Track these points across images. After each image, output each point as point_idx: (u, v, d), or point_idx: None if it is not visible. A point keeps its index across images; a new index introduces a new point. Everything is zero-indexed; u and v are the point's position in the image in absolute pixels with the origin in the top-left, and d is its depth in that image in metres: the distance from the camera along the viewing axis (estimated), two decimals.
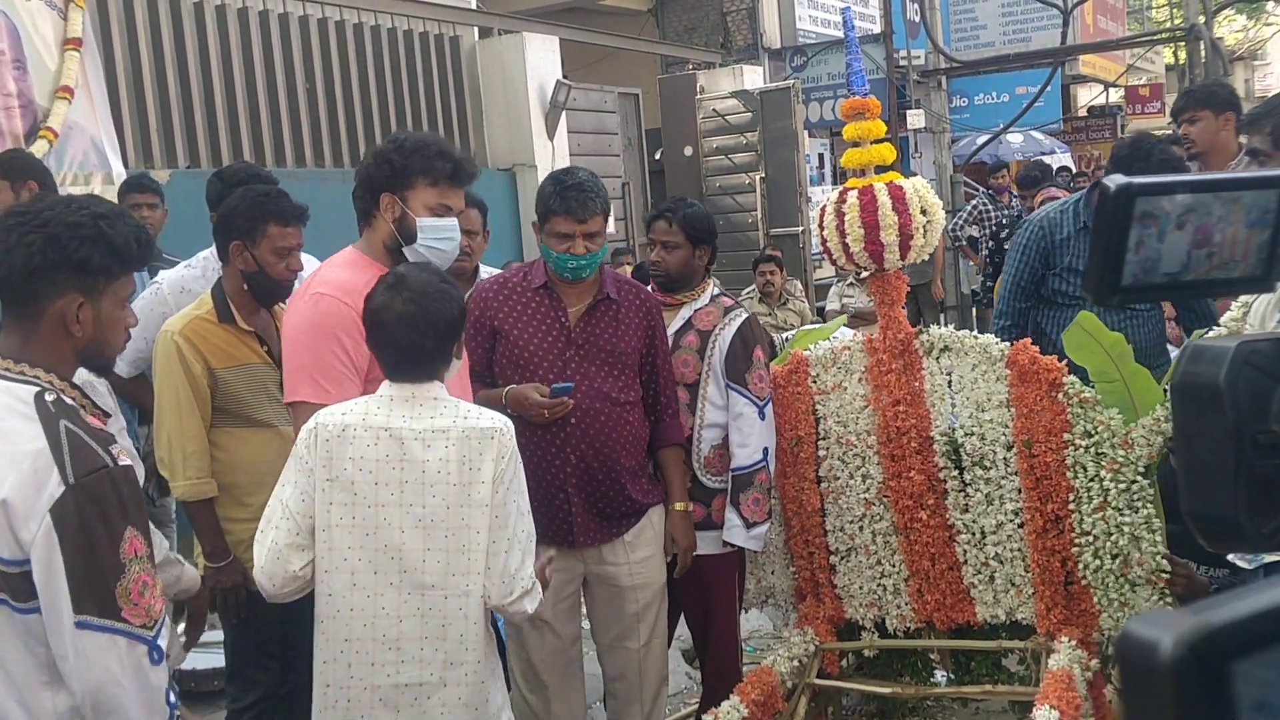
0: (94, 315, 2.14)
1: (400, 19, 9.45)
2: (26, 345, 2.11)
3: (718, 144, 12.92)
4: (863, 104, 3.56)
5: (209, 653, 4.51)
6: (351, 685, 2.55)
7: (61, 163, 6.61)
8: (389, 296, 2.58)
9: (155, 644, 2.06)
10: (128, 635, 2.02)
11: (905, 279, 3.64)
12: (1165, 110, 23.62)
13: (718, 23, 15.05)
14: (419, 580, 2.56)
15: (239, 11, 8.06)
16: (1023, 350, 3.40)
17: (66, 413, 2.05)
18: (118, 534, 2.01)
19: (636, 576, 3.48)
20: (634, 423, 3.45)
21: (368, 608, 2.54)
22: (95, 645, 1.99)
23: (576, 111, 10.82)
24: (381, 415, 2.57)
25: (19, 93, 6.46)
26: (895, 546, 3.61)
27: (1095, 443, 3.28)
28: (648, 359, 3.51)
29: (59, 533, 1.96)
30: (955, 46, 19.19)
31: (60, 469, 1.97)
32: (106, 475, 2.01)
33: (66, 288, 2.10)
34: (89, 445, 2.02)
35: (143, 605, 2.04)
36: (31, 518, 1.96)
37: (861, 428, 3.62)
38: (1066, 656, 3.22)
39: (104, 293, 2.15)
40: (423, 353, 2.58)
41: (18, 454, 1.98)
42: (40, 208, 2.13)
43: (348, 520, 2.54)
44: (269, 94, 8.26)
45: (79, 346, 2.15)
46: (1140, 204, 1.06)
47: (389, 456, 2.55)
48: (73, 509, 1.97)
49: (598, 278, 3.46)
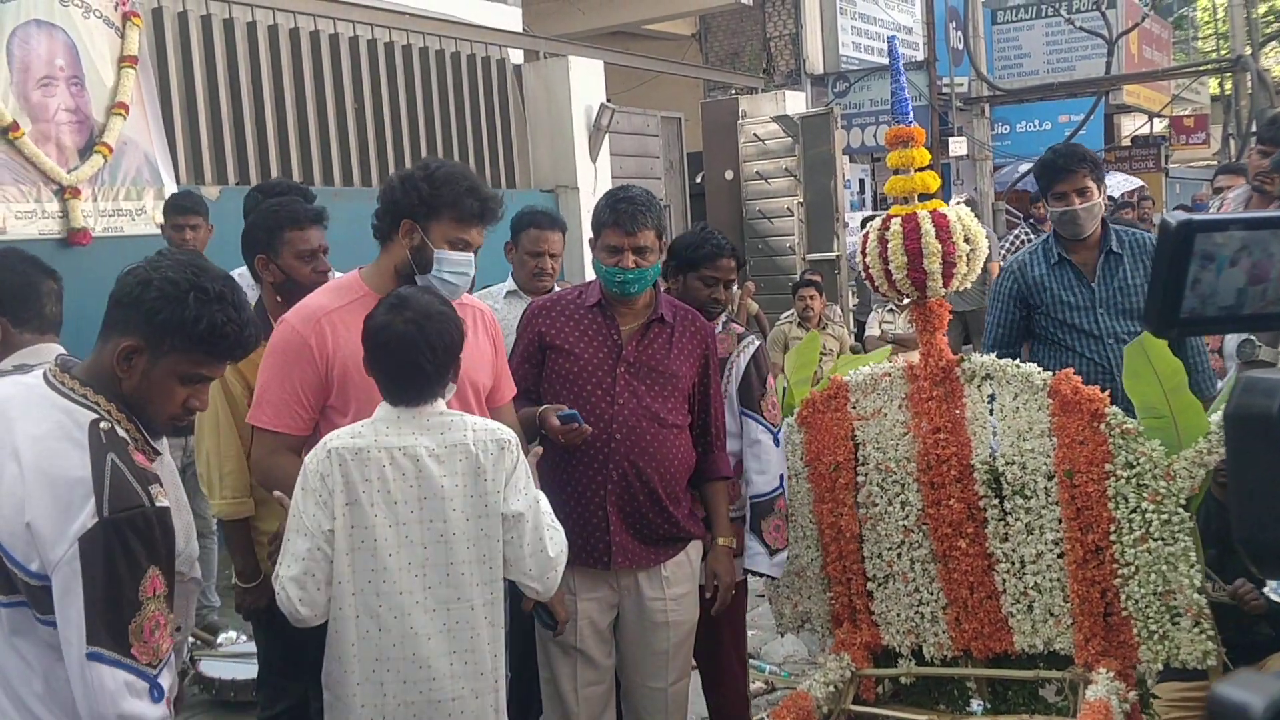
0: (145, 369, 2.17)
1: (448, 41, 9.56)
2: (95, 372, 2.18)
3: (758, 168, 12.96)
4: (907, 132, 3.57)
5: (247, 663, 4.56)
6: (386, 704, 2.57)
7: (115, 177, 6.75)
8: (389, 317, 2.62)
9: (157, 682, 2.10)
10: (135, 672, 2.06)
11: (948, 306, 3.65)
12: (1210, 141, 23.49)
13: (761, 48, 15.13)
14: (444, 595, 2.60)
15: (290, 32, 8.19)
16: (1065, 380, 3.40)
17: (116, 446, 2.10)
18: (140, 572, 2.07)
19: (672, 613, 3.43)
20: (680, 446, 3.42)
21: (396, 628, 2.57)
22: (102, 678, 2.03)
23: (620, 134, 10.89)
24: (393, 435, 2.60)
25: (76, 108, 6.60)
26: (934, 574, 3.61)
27: (1137, 474, 3.27)
28: (700, 386, 3.50)
29: (83, 562, 2.01)
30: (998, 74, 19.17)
31: (98, 500, 2.03)
32: (141, 514, 2.07)
33: (131, 330, 2.15)
34: (129, 483, 2.07)
35: (151, 644, 2.09)
36: (60, 542, 2.01)
37: (901, 454, 3.62)
38: (1104, 688, 3.20)
39: (166, 355, 2.18)
40: (421, 374, 2.61)
41: (59, 479, 2.04)
42: (171, 255, 2.24)
43: (370, 542, 2.56)
44: (318, 113, 8.38)
45: (122, 391, 2.18)
46: (1199, 241, 1.10)
47: (405, 475, 2.58)
48: (101, 542, 2.02)
49: (651, 299, 3.46)
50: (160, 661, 2.11)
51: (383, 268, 3.06)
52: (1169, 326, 1.15)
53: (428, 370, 2.61)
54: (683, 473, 3.45)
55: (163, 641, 2.12)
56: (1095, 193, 4.24)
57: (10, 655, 2.12)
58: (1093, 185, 4.23)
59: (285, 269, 3.47)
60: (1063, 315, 4.25)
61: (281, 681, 3.53)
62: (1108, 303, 4.26)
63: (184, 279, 2.16)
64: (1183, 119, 23.46)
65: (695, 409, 3.50)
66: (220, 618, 5.86)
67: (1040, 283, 4.30)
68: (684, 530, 3.44)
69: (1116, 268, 4.29)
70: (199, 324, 2.16)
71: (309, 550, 2.55)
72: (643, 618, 3.43)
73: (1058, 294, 4.27)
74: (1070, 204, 4.20)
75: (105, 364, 2.18)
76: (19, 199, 6.19)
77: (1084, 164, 4.21)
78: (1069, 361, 4.04)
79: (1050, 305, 4.28)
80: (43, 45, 6.45)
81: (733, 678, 3.79)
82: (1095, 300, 4.25)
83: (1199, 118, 23.81)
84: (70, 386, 2.16)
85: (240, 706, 4.89)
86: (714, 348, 3.56)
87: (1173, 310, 1.14)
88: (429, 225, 2.98)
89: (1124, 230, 4.45)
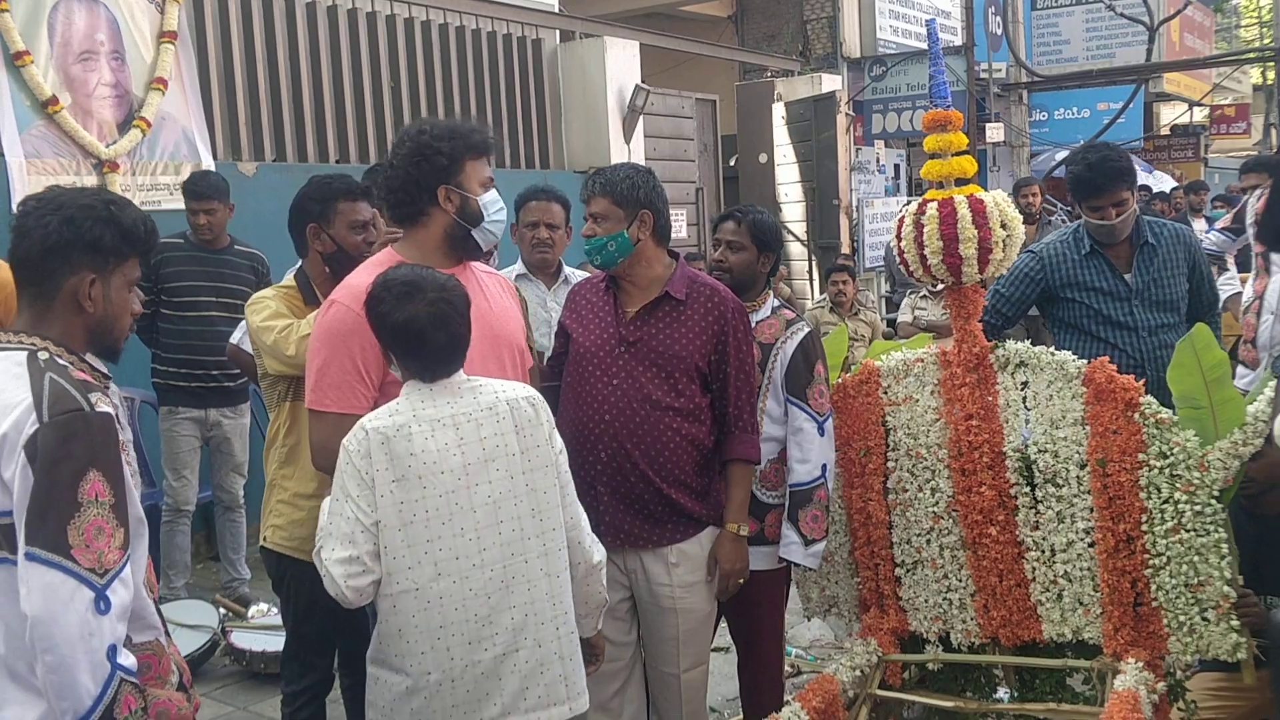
0: (104, 293, 2.24)
1: (484, 20, 9.57)
2: (39, 322, 2.22)
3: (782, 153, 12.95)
4: (945, 116, 3.55)
5: (277, 635, 4.60)
6: (454, 667, 2.62)
7: (154, 152, 6.81)
8: (412, 307, 2.63)
9: (103, 593, 2.04)
10: (74, 575, 2.02)
11: (982, 292, 3.63)
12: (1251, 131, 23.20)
13: (798, 31, 15.04)
14: (499, 555, 2.66)
15: (329, 9, 8.22)
16: (1100, 369, 3.38)
17: (54, 368, 2.13)
18: (79, 472, 2.05)
19: (680, 600, 3.40)
20: (681, 430, 3.35)
21: (456, 593, 2.61)
22: (40, 578, 2.00)
23: (654, 116, 10.87)
24: (429, 408, 2.65)
25: (116, 82, 6.66)
26: (963, 561, 3.60)
27: (1170, 464, 3.25)
28: (717, 366, 3.41)
29: (31, 468, 2.03)
30: (1037, 60, 18.98)
31: (37, 411, 2.06)
32: (79, 415, 2.08)
33: (80, 266, 2.21)
34: (67, 390, 2.10)
35: (95, 549, 2.05)
36: (12, 458, 2.05)
37: (932, 441, 3.61)
38: (1133, 678, 3.19)
39: (113, 273, 2.26)
40: (461, 341, 2.69)
41: (8, 406, 2.07)
42: (56, 194, 2.26)
43: (421, 514, 2.60)
44: (354, 90, 8.40)
45: (90, 323, 2.25)
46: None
47: (448, 444, 2.63)
48: (40, 444, 2.04)
49: (663, 276, 3.43)
50: (109, 571, 2.06)
51: (425, 242, 3.04)
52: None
53: (465, 338, 2.70)
54: (687, 458, 3.37)
55: (109, 551, 2.07)
56: (1131, 201, 4.23)
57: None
58: (1128, 196, 4.23)
59: (337, 239, 3.54)
60: (1096, 305, 4.22)
61: (311, 658, 3.56)
62: (1143, 294, 4.23)
63: (92, 202, 2.24)
64: (1223, 108, 23.16)
65: (714, 390, 3.43)
66: (250, 590, 5.93)
67: (1072, 274, 4.27)
68: (688, 513, 3.39)
69: (1151, 259, 4.26)
70: (136, 229, 2.26)
71: (352, 533, 2.57)
72: (652, 602, 3.43)
73: (1091, 284, 4.24)
74: (1108, 218, 4.19)
75: (56, 311, 2.22)
76: (58, 172, 6.25)
77: (1121, 180, 4.20)
78: (1100, 351, 4.01)
79: (1082, 295, 4.25)
80: (83, 20, 6.51)
81: (767, 660, 3.77)
82: (1131, 292, 4.22)
83: (1240, 107, 23.49)
84: (5, 340, 2.20)
85: (271, 678, 4.95)
86: (736, 325, 3.43)
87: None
88: (460, 181, 3.01)
89: (1157, 222, 4.43)
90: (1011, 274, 4.34)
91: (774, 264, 3.82)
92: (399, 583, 2.60)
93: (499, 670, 2.65)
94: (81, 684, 2.01)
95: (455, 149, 3.00)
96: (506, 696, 2.66)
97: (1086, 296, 4.24)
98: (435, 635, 2.61)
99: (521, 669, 2.67)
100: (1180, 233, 4.36)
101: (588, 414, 3.36)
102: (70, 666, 2.00)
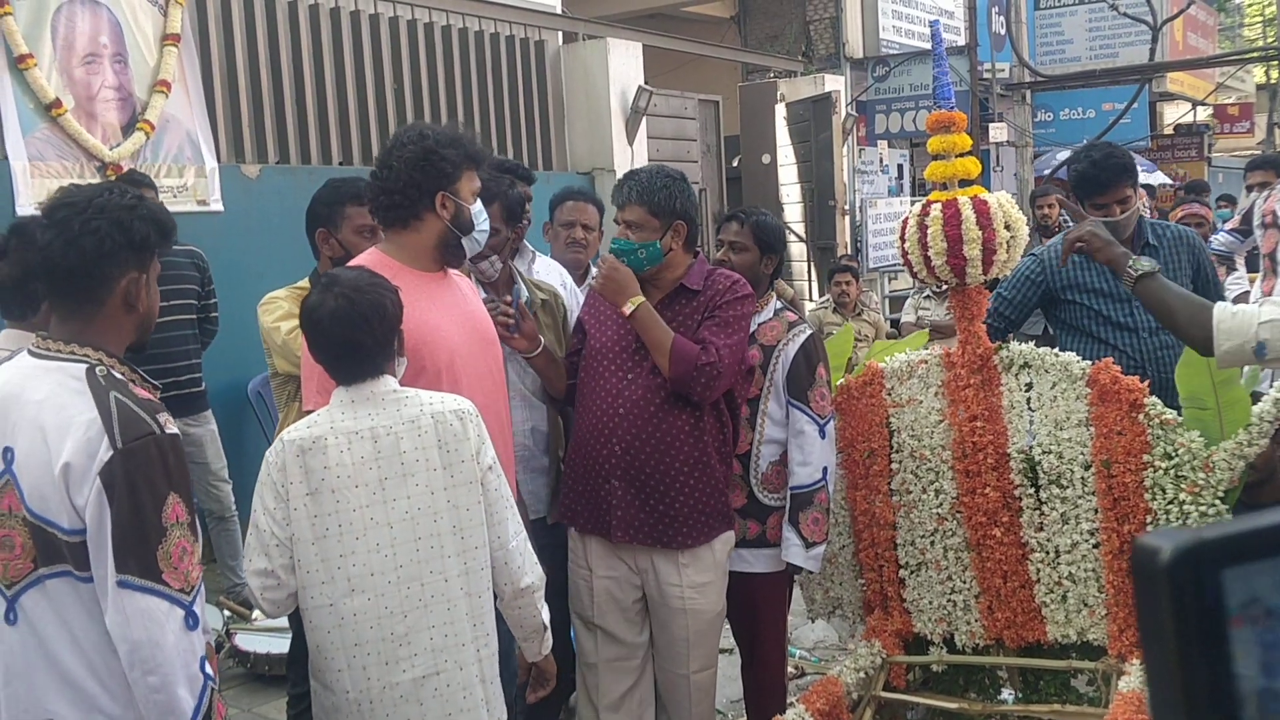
0: (146, 290, 2.26)
1: (487, 22, 9.56)
2: (87, 329, 2.20)
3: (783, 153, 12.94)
4: (949, 117, 3.55)
5: (281, 637, 4.61)
6: (370, 688, 2.56)
7: (158, 154, 6.81)
8: (321, 296, 2.60)
9: (191, 609, 2.13)
10: (167, 598, 2.08)
11: (987, 294, 3.63)
12: (1254, 130, 23.16)
13: (800, 31, 15.02)
14: (416, 572, 2.58)
15: (331, 11, 8.22)
16: (1104, 369, 3.38)
17: (116, 385, 2.14)
18: (161, 497, 2.09)
19: (690, 601, 3.40)
20: (695, 428, 3.35)
21: (370, 610, 2.56)
22: (135, 605, 2.06)
23: (657, 117, 10.86)
24: (348, 419, 2.59)
25: (119, 85, 6.66)
26: (967, 563, 3.60)
27: (1175, 465, 3.25)
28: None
29: (107, 495, 2.05)
30: (1040, 60, 18.95)
31: (109, 435, 2.07)
32: (153, 441, 2.10)
33: (129, 265, 2.21)
34: (137, 413, 2.11)
35: (181, 570, 2.11)
36: (85, 482, 2.06)
37: (936, 442, 3.61)
38: (1138, 679, 3.18)
39: (149, 268, 2.27)
40: (361, 349, 2.59)
41: (72, 425, 2.08)
42: (88, 195, 2.21)
43: (334, 529, 2.55)
44: (358, 93, 8.41)
45: (139, 321, 2.26)
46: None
47: (364, 458, 2.57)
48: (120, 471, 2.06)
49: (674, 277, 3.42)
50: (193, 589, 2.13)
51: (414, 245, 3.04)
52: None
53: (367, 344, 2.59)
54: (696, 452, 3.35)
55: (193, 569, 2.14)
56: (1134, 198, 4.24)
57: (61, 633, 2.13)
58: (1131, 193, 4.23)
59: (344, 243, 3.56)
60: (1097, 306, 4.22)
61: None
62: None
63: (129, 201, 2.22)
64: (1227, 107, 23.11)
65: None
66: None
67: (1073, 275, 4.27)
68: (700, 511, 3.37)
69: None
70: (168, 222, 2.28)
71: (268, 546, 2.56)
72: (662, 602, 3.43)
73: (1092, 285, 4.24)
74: (1112, 215, 4.19)
75: (107, 314, 2.21)
76: (62, 175, 6.25)
77: (1124, 176, 4.20)
78: (1101, 353, 4.00)
79: (1083, 297, 4.25)
80: (87, 22, 6.51)
81: (770, 662, 3.78)
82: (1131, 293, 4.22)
83: (1244, 106, 23.45)
84: (55, 349, 2.19)
85: (274, 680, 4.95)
86: (738, 294, 3.42)
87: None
88: (455, 189, 3.03)
89: (1159, 224, 4.44)
90: (1013, 277, 4.34)
91: (777, 265, 3.82)
92: (313, 598, 2.57)
93: (419, 694, 2.58)
94: (182, 698, 2.09)
95: (458, 157, 3.02)
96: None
97: (1088, 298, 4.24)
98: (350, 653, 2.56)
99: (444, 693, 2.60)
100: (1183, 234, 4.36)
101: (602, 410, 3.37)
102: (172, 684, 2.08)
